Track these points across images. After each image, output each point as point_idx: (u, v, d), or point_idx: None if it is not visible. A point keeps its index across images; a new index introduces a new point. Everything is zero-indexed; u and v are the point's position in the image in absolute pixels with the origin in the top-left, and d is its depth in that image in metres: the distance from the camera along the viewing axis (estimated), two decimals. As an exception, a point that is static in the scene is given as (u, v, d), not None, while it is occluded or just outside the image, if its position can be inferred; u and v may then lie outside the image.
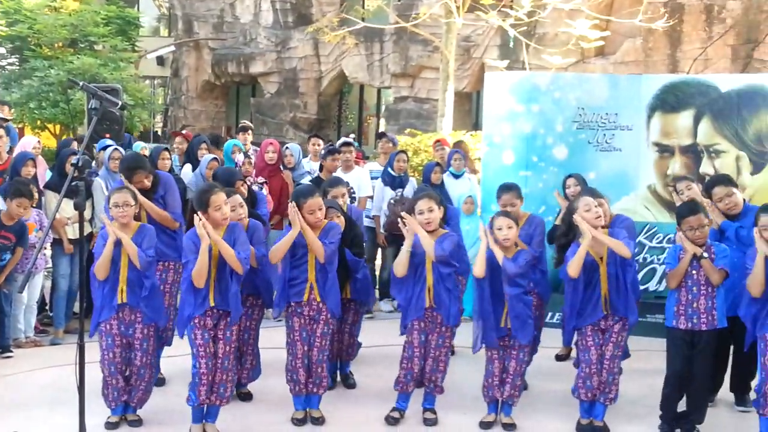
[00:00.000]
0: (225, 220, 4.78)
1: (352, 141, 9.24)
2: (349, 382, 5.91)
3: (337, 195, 5.78)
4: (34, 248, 6.32)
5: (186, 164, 8.23)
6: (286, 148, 8.34)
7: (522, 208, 5.85)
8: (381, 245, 8.24)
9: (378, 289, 8.11)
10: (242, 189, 5.94)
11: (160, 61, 27.61)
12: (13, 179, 6.67)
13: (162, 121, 28.27)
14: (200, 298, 4.72)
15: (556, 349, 6.66)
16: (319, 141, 9.12)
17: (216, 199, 4.73)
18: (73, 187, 4.17)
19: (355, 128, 23.75)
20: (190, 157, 8.22)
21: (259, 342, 5.55)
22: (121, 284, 4.85)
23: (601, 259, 4.94)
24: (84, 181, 4.29)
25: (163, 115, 27.85)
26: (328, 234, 5.05)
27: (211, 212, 4.70)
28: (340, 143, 8.74)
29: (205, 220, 4.63)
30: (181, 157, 8.83)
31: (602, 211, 5.00)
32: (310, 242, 4.96)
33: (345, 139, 9.37)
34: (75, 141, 8.82)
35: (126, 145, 8.83)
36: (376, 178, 8.21)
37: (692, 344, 4.95)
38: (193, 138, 8.86)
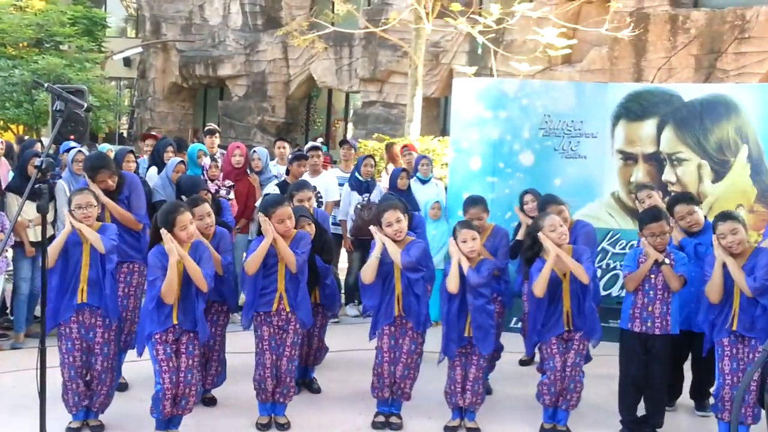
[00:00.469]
0: (190, 238, 4.75)
1: (320, 145, 9.24)
2: (314, 387, 5.90)
3: (303, 199, 5.78)
4: (-5, 251, 6.23)
5: (151, 167, 8.16)
6: (254, 151, 8.31)
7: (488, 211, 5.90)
8: (347, 250, 8.25)
9: (344, 294, 8.11)
10: (207, 198, 5.90)
11: (127, 63, 27.39)
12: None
13: (128, 123, 28.02)
14: (163, 316, 4.66)
15: (520, 354, 6.71)
16: (285, 144, 9.12)
17: (182, 219, 4.67)
18: (35, 189, 4.11)
19: (323, 132, 23.74)
20: (156, 160, 8.15)
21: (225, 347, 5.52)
22: (82, 284, 4.78)
23: (565, 275, 5.02)
24: (47, 184, 4.23)
25: (129, 117, 27.60)
26: (298, 244, 5.05)
27: (177, 232, 4.64)
28: (308, 147, 8.74)
29: (172, 236, 4.60)
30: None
31: (565, 230, 5.08)
32: (282, 252, 4.95)
33: (313, 143, 9.36)
34: (38, 142, 8.71)
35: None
36: (342, 185, 8.22)
37: (646, 348, 5.02)
38: (159, 141, 8.80)
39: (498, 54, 13.60)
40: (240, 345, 6.03)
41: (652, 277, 5.00)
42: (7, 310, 7.43)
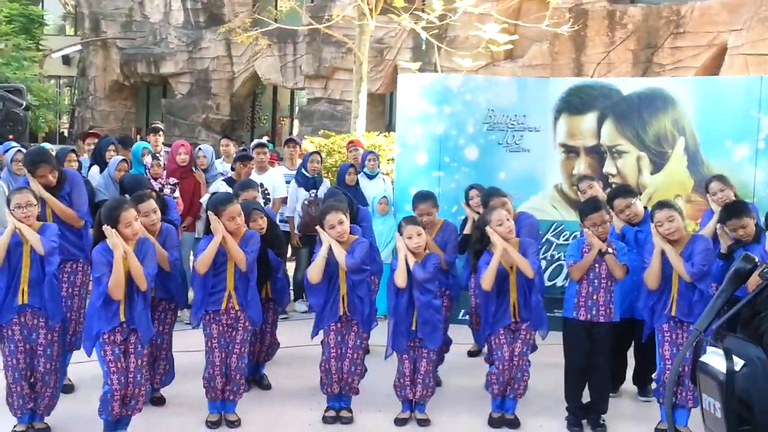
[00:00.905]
0: (135, 235, 4.70)
1: (266, 142, 9.21)
2: (264, 383, 5.89)
3: (248, 198, 5.77)
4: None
5: (93, 166, 8.03)
6: (199, 149, 8.25)
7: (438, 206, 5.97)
8: (295, 246, 8.24)
9: (292, 289, 8.11)
10: (152, 195, 5.84)
11: (66, 61, 26.84)
12: None
13: (68, 122, 27.46)
14: (110, 313, 4.59)
15: (469, 346, 6.80)
16: (228, 142, 9.09)
17: (126, 215, 4.61)
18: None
19: (269, 129, 23.61)
20: (98, 159, 8.02)
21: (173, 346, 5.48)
22: (23, 285, 4.69)
23: (511, 268, 5.11)
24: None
25: (69, 116, 27.06)
26: (248, 242, 5.04)
27: (121, 229, 4.58)
28: (254, 145, 8.70)
29: (116, 232, 4.54)
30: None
31: (512, 224, 5.17)
32: (231, 251, 4.93)
33: (258, 141, 9.32)
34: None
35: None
36: (288, 182, 8.21)
37: (590, 336, 5.13)
38: (101, 140, 8.65)
39: (442, 50, 13.71)
40: (188, 343, 5.99)
41: (596, 266, 5.11)
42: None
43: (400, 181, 7.85)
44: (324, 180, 8.27)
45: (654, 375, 5.23)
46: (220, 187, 7.26)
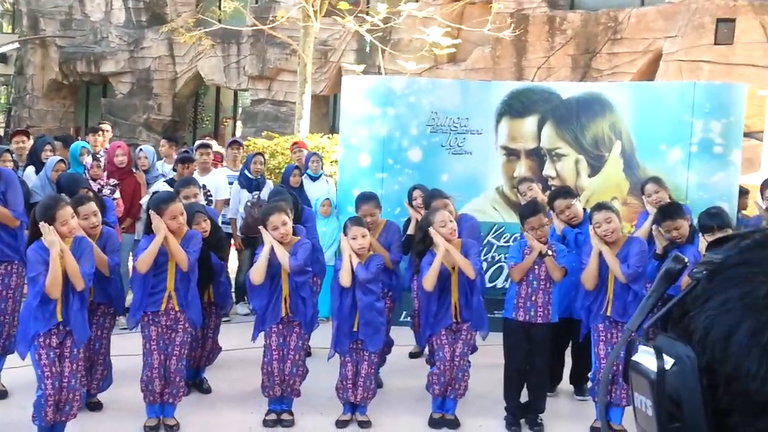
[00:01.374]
0: (72, 233, 4.61)
1: (209, 143, 9.13)
2: (204, 387, 5.83)
3: (189, 195, 5.71)
4: None
5: (29, 166, 7.84)
6: (140, 150, 8.13)
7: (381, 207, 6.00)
8: (237, 248, 8.18)
9: (234, 292, 8.03)
10: (90, 196, 5.73)
11: (3, 59, 26.17)
12: None
13: (5, 122, 26.76)
14: (47, 313, 4.49)
15: (410, 347, 6.83)
16: (166, 143, 9.02)
17: (63, 213, 4.52)
18: None
19: (212, 130, 23.36)
20: (34, 160, 7.84)
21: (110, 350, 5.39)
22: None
23: (453, 269, 5.15)
24: None
25: (6, 115, 26.37)
26: (189, 242, 4.98)
27: (58, 227, 4.48)
28: (197, 145, 8.62)
29: (53, 228, 4.45)
30: (21, 158, 8.39)
31: (455, 225, 5.22)
32: (173, 250, 4.87)
33: (202, 141, 9.22)
34: None
35: None
36: (231, 184, 8.15)
37: (529, 336, 5.21)
38: (37, 139, 8.46)
39: (386, 52, 13.76)
40: (126, 347, 5.89)
41: (536, 268, 5.19)
42: None
43: (344, 183, 7.85)
44: (267, 181, 8.23)
45: (590, 374, 5.34)
46: (161, 188, 7.17)
